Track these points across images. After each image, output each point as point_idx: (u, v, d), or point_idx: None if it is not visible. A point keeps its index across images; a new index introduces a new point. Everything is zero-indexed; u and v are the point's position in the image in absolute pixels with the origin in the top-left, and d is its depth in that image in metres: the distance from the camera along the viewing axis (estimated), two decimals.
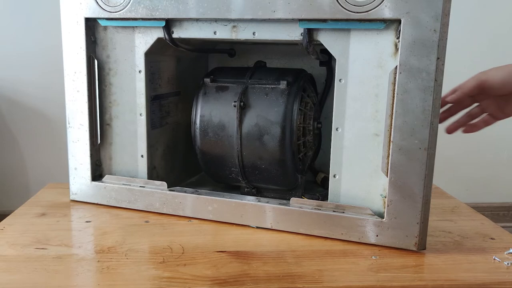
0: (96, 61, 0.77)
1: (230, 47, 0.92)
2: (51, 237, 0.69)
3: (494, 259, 0.65)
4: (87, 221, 0.75)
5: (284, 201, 0.73)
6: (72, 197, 0.83)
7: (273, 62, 0.91)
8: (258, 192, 0.81)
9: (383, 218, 0.66)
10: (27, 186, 1.62)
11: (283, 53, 0.91)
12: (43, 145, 1.60)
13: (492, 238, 0.72)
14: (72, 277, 0.58)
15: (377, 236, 0.66)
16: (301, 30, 0.66)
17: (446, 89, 0.63)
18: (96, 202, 0.81)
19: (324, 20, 0.64)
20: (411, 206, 0.64)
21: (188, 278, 0.58)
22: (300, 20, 0.65)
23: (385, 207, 0.65)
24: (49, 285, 0.56)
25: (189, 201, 0.76)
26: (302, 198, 0.76)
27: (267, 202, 0.73)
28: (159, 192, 0.77)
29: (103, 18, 0.75)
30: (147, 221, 0.75)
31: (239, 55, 0.93)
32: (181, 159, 0.90)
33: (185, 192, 0.76)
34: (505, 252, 0.67)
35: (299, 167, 0.78)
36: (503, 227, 0.76)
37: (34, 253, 0.64)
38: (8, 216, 0.77)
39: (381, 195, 0.67)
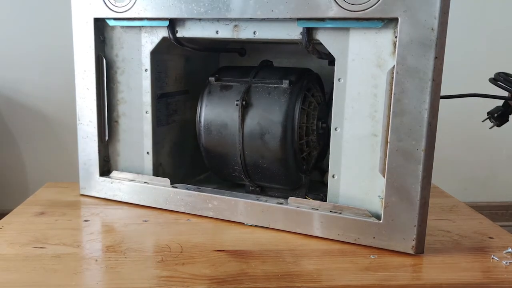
0: (104, 60, 0.79)
1: (240, 47, 0.93)
2: (49, 236, 0.69)
3: (493, 258, 0.64)
4: (85, 220, 0.76)
5: (282, 200, 0.73)
6: (81, 191, 0.85)
7: (283, 61, 0.91)
8: (262, 191, 0.81)
9: (380, 220, 0.65)
10: (26, 185, 1.63)
11: (292, 52, 0.90)
12: (42, 144, 1.61)
13: (490, 237, 0.70)
14: (71, 276, 0.58)
15: (373, 238, 0.65)
16: (301, 29, 0.66)
17: (445, 89, 0.62)
18: (103, 196, 0.84)
19: (322, 19, 0.64)
20: (408, 209, 0.62)
21: (187, 277, 0.58)
22: (298, 19, 0.65)
23: (382, 209, 0.64)
24: (48, 284, 0.56)
25: (190, 197, 0.77)
26: (305, 198, 0.75)
27: (266, 201, 0.73)
28: (161, 189, 0.78)
29: (111, 18, 0.77)
30: (145, 220, 0.76)
31: (250, 54, 0.94)
32: (189, 156, 0.92)
33: (187, 189, 0.77)
34: (504, 251, 0.66)
35: (302, 166, 0.77)
36: (501, 226, 0.75)
37: (33, 252, 0.64)
38: (7, 215, 0.77)
39: (379, 196, 0.66)
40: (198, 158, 0.85)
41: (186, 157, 0.91)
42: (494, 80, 0.71)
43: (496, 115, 0.73)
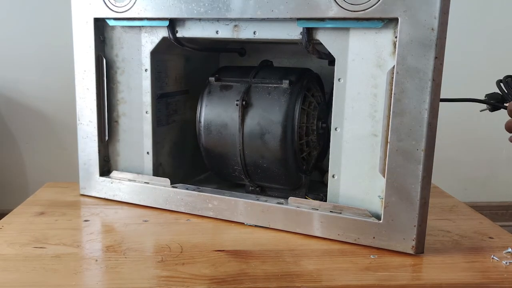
0: (104, 60, 0.79)
1: (240, 47, 0.93)
2: (49, 236, 0.69)
3: (493, 258, 0.64)
4: (85, 220, 0.76)
5: (282, 200, 0.73)
6: (81, 191, 0.85)
7: (283, 61, 0.91)
8: (262, 191, 0.81)
9: (380, 220, 0.65)
10: (26, 185, 1.63)
11: (293, 52, 0.90)
12: (42, 144, 1.61)
13: (490, 237, 0.71)
14: (71, 276, 0.58)
15: (373, 238, 0.65)
16: (301, 29, 0.66)
17: (444, 89, 0.62)
18: (103, 196, 0.84)
19: (322, 19, 0.64)
20: (408, 209, 0.62)
21: (187, 277, 0.58)
22: (298, 19, 0.65)
23: (382, 209, 0.64)
24: (48, 284, 0.56)
25: (190, 197, 0.77)
26: (305, 198, 0.75)
27: (266, 201, 0.73)
28: (161, 189, 0.78)
29: (111, 18, 0.77)
30: (145, 220, 0.76)
31: (250, 54, 0.94)
32: (189, 156, 0.92)
33: (187, 189, 0.78)
34: (504, 251, 0.66)
35: (302, 166, 0.77)
36: (501, 226, 0.75)
37: (33, 252, 0.64)
38: (7, 215, 0.77)
39: (379, 196, 0.66)
40: (198, 158, 0.85)
41: (186, 157, 0.91)
42: (499, 82, 0.72)
43: (491, 101, 0.73)
